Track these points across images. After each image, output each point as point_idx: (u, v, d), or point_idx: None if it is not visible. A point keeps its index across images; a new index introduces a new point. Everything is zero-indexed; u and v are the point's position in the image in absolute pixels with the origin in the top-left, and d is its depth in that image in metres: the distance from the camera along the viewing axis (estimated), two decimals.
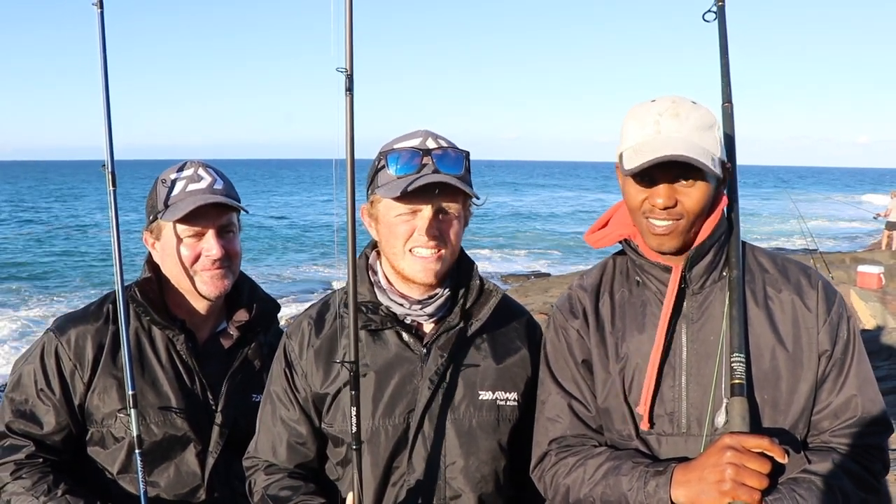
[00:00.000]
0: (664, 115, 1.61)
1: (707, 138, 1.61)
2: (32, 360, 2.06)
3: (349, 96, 1.59)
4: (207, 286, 2.09)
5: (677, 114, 1.61)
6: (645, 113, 1.64)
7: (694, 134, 1.59)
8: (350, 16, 1.56)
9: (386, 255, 1.87)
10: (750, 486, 1.44)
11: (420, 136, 1.82)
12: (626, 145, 1.64)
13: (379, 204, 1.83)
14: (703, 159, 1.55)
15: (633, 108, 1.68)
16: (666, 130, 1.60)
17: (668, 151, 1.54)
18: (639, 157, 1.57)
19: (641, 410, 1.65)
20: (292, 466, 1.90)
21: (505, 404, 1.88)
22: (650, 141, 1.59)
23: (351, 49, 1.58)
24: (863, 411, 1.62)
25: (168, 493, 2.06)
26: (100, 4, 2.03)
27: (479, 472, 1.85)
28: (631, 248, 1.73)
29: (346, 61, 1.58)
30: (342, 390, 1.84)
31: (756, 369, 1.62)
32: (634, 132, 1.63)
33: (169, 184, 2.08)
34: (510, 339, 1.95)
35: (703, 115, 1.63)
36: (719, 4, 1.88)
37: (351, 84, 1.58)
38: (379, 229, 1.86)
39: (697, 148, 1.57)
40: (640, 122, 1.63)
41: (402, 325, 1.87)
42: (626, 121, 1.67)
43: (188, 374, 2.10)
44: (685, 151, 1.54)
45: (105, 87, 2.03)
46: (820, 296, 1.67)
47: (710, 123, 1.63)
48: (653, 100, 1.66)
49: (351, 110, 1.60)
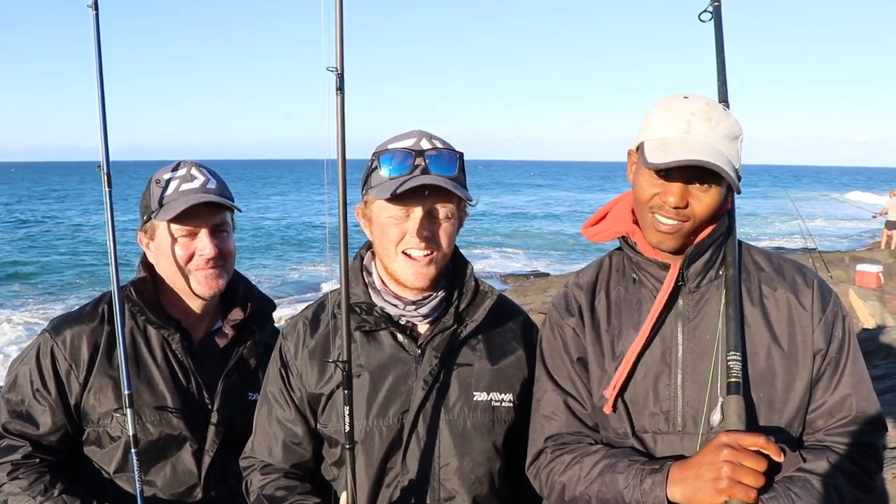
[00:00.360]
0: (696, 116, 1.59)
1: (731, 148, 1.60)
2: (28, 361, 2.06)
3: (340, 96, 1.59)
4: (202, 285, 2.10)
5: (710, 118, 1.59)
6: (677, 108, 1.62)
7: (722, 142, 1.58)
8: (340, 15, 1.56)
9: (379, 256, 1.87)
10: (746, 485, 1.44)
11: (414, 137, 1.82)
12: (652, 136, 1.61)
13: (372, 205, 1.83)
14: (727, 169, 1.54)
15: (663, 101, 1.66)
16: (696, 132, 1.58)
17: (697, 155, 1.53)
18: (665, 153, 1.55)
19: (608, 394, 1.66)
20: (288, 466, 1.90)
21: (500, 405, 1.88)
22: (679, 139, 1.57)
23: (341, 48, 1.57)
24: (857, 410, 1.62)
25: (165, 491, 2.06)
26: (94, 6, 2.03)
27: (474, 473, 1.84)
28: (628, 245, 1.73)
29: (337, 61, 1.58)
30: (336, 391, 1.84)
31: (752, 368, 1.62)
32: (662, 125, 1.61)
33: (162, 184, 2.09)
34: (506, 340, 1.95)
35: (732, 124, 1.62)
36: (715, 4, 1.89)
37: (342, 83, 1.58)
38: (372, 230, 1.87)
39: (723, 157, 1.56)
40: (671, 116, 1.61)
41: (396, 326, 1.87)
42: (655, 111, 1.65)
43: (184, 373, 2.10)
44: (712, 158, 1.53)
45: (100, 89, 2.03)
46: (815, 294, 1.67)
47: (738, 134, 1.62)
48: (685, 96, 1.64)
49: (342, 110, 1.59)
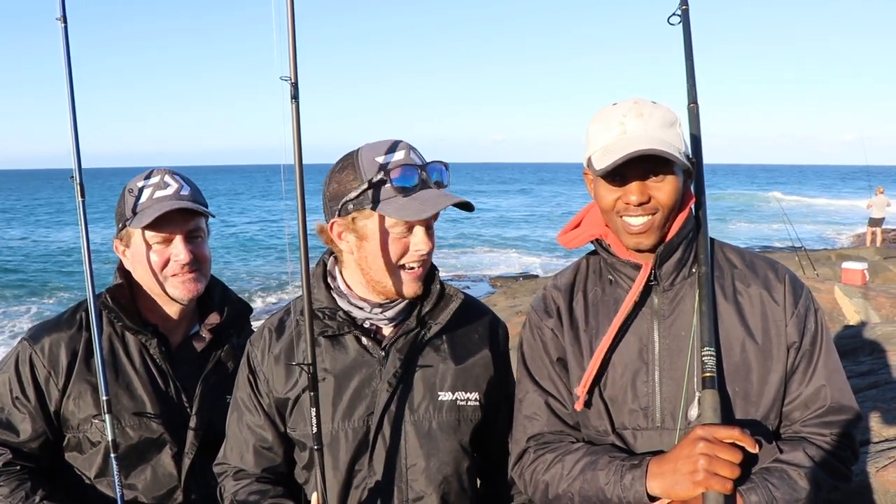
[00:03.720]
0: (628, 116, 1.64)
1: (671, 134, 1.65)
2: (7, 370, 2.07)
3: (294, 104, 1.60)
4: (178, 290, 2.11)
5: (640, 113, 1.64)
6: (609, 116, 1.67)
7: (659, 131, 1.63)
8: (293, 25, 1.58)
9: (367, 269, 1.82)
10: (722, 476, 1.46)
11: (403, 149, 1.79)
12: (594, 148, 1.67)
13: (367, 220, 1.77)
14: (671, 152, 1.58)
15: (596, 114, 1.72)
16: (631, 130, 1.63)
17: (637, 147, 1.56)
18: (609, 156, 1.59)
19: (579, 392, 1.68)
20: (260, 471, 1.91)
21: (466, 404, 1.88)
22: (617, 141, 1.62)
23: (294, 58, 1.59)
24: (832, 401, 1.64)
25: (145, 495, 2.07)
26: (63, 19, 2.04)
27: (441, 472, 1.85)
28: (602, 247, 1.76)
29: (291, 70, 1.59)
30: (302, 394, 1.84)
31: (727, 362, 1.64)
32: (601, 135, 1.66)
33: (136, 192, 2.11)
34: (471, 340, 1.95)
35: (664, 112, 1.67)
36: (683, 8, 1.91)
37: (296, 92, 1.60)
38: (363, 246, 1.79)
39: (664, 143, 1.60)
40: (605, 124, 1.67)
41: (360, 330, 1.87)
42: (591, 125, 1.70)
43: (162, 377, 2.12)
44: (653, 146, 1.57)
45: (71, 100, 2.04)
46: (787, 289, 1.70)
47: (673, 120, 1.67)
48: (614, 103, 1.70)
49: (297, 118, 1.61)
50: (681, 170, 1.64)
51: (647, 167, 1.61)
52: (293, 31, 1.58)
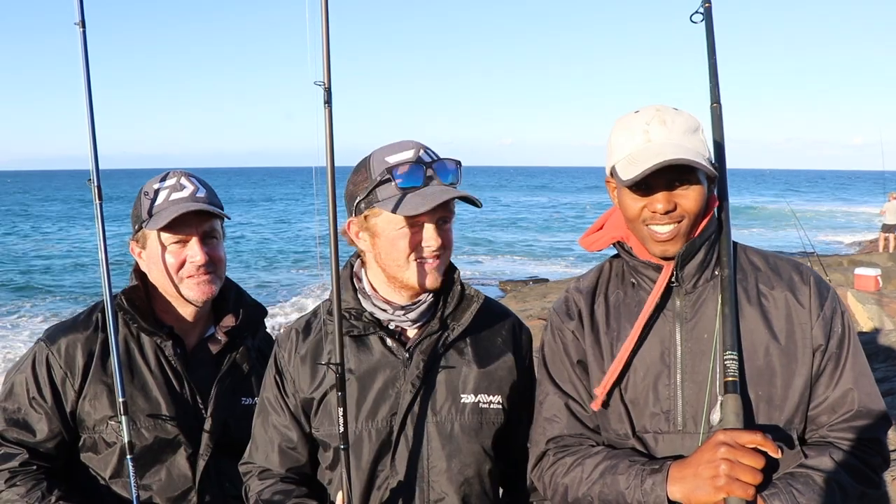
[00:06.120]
0: (652, 124, 1.64)
1: (695, 141, 1.65)
2: (24, 370, 2.08)
3: (328, 108, 1.63)
4: (193, 292, 2.12)
5: (664, 121, 1.64)
6: (632, 124, 1.67)
7: (683, 138, 1.63)
8: (327, 31, 1.60)
9: (384, 266, 1.87)
10: (744, 482, 1.44)
11: (412, 148, 1.84)
12: (619, 157, 1.66)
13: (377, 217, 1.83)
14: (696, 159, 1.57)
15: (618, 121, 1.72)
16: (656, 138, 1.63)
17: (664, 157, 1.56)
18: (635, 166, 1.59)
19: (598, 392, 1.68)
20: (284, 471, 1.92)
21: (488, 407, 1.89)
22: (642, 150, 1.62)
23: (328, 63, 1.61)
24: (860, 405, 1.62)
25: (160, 496, 2.08)
26: (82, 24, 2.06)
27: (462, 474, 1.85)
28: (625, 250, 1.75)
29: (324, 75, 1.61)
30: (328, 394, 1.87)
31: (750, 366, 1.63)
32: (625, 143, 1.66)
33: (152, 194, 2.12)
34: (494, 343, 1.96)
35: (687, 119, 1.67)
36: (706, 6, 1.90)
37: (329, 97, 1.62)
38: (376, 243, 1.86)
39: (688, 151, 1.60)
40: (629, 132, 1.66)
41: (385, 331, 1.89)
42: (614, 133, 1.70)
43: (177, 379, 2.12)
44: (679, 155, 1.56)
45: (89, 104, 2.06)
46: (812, 291, 1.68)
47: (696, 126, 1.67)
48: (636, 111, 1.70)
49: (330, 122, 1.63)
50: (705, 176, 1.64)
51: (672, 175, 1.60)
52: (327, 37, 1.61)
